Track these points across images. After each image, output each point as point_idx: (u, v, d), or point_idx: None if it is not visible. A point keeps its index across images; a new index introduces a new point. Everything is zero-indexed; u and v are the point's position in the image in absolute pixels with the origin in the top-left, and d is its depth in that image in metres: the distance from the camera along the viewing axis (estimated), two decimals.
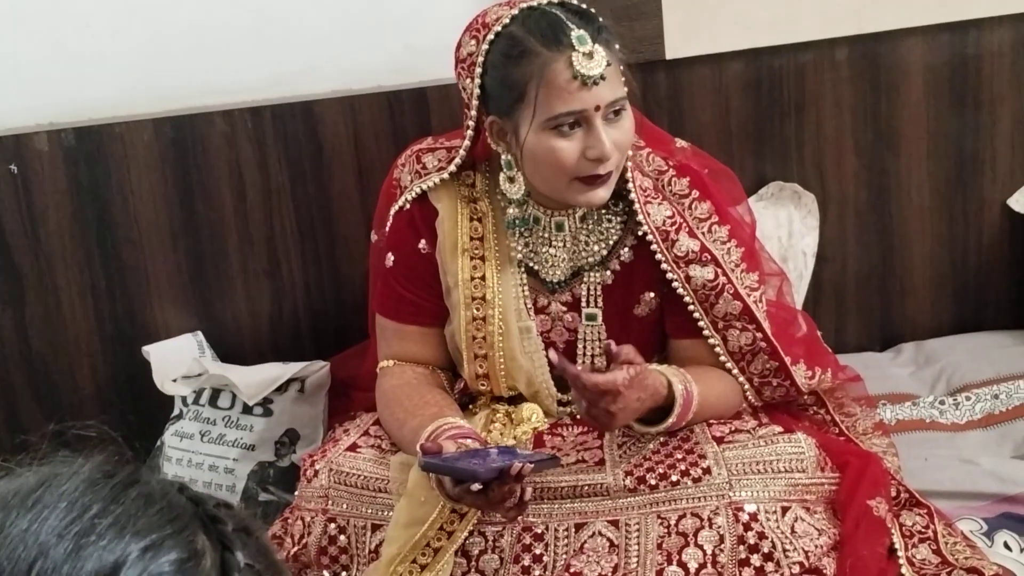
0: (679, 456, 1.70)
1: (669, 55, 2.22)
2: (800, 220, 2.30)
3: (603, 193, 1.68)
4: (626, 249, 1.79)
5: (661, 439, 1.73)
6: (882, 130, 2.32)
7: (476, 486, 1.52)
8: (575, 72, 1.59)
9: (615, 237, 1.79)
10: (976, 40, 2.29)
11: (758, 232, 2.07)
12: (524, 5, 1.65)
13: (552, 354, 1.66)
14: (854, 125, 2.31)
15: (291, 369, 2.13)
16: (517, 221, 1.77)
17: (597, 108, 1.62)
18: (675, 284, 1.76)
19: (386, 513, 1.71)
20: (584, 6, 1.67)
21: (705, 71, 2.26)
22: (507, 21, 1.64)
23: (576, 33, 1.60)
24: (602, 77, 1.60)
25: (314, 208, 2.27)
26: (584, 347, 1.82)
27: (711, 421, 1.77)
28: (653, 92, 2.25)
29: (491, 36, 1.65)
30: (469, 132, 1.74)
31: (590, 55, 1.60)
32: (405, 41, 2.23)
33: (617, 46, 1.66)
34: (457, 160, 1.78)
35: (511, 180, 1.72)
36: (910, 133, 2.32)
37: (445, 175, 1.79)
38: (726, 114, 2.29)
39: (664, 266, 1.75)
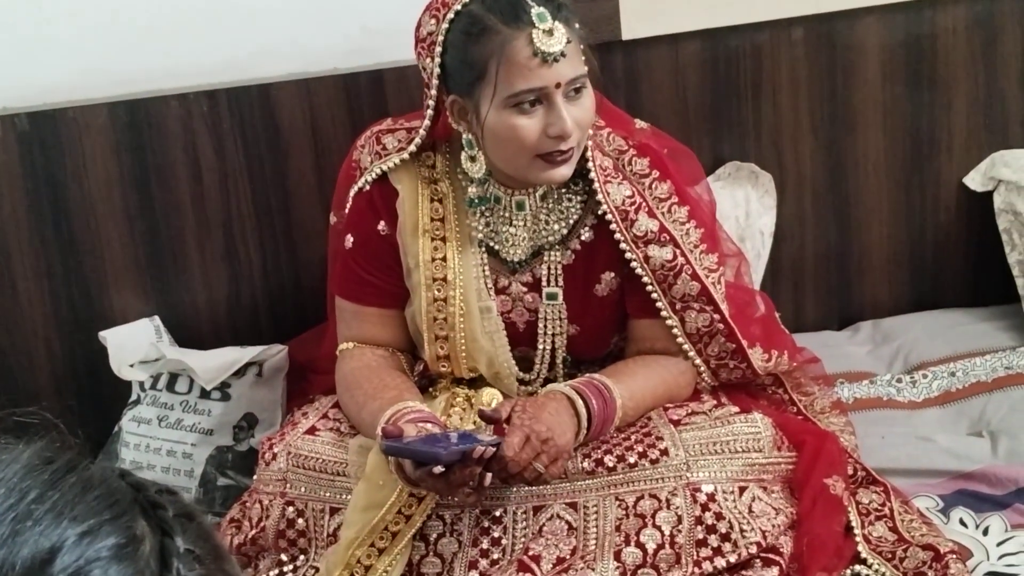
0: (636, 438, 1.70)
1: (625, 36, 2.22)
2: (757, 200, 2.31)
3: (565, 171, 1.68)
4: (586, 229, 1.79)
5: None
6: (838, 110, 2.33)
7: (438, 469, 1.52)
8: (535, 49, 1.59)
9: (575, 216, 1.78)
10: (931, 19, 2.30)
11: (716, 212, 2.08)
12: None
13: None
14: (811, 105, 2.32)
15: (249, 353, 2.12)
16: (477, 200, 1.77)
17: (558, 85, 1.62)
18: (633, 264, 1.76)
19: (344, 496, 1.71)
20: None
21: (662, 51, 2.26)
22: (467, 0, 1.64)
23: (536, 10, 1.60)
24: (562, 54, 1.60)
25: (271, 191, 2.26)
26: (544, 326, 1.82)
27: (667, 405, 1.78)
28: (610, 73, 2.24)
29: (451, 15, 1.64)
30: (429, 112, 1.73)
31: (550, 32, 1.59)
32: (361, 22, 2.22)
33: (577, 24, 1.66)
34: (417, 140, 1.77)
35: (472, 159, 1.72)
36: (866, 112, 2.33)
37: (405, 155, 1.78)
38: (683, 94, 2.29)
39: (623, 246, 1.75)
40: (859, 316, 2.44)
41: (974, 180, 2.37)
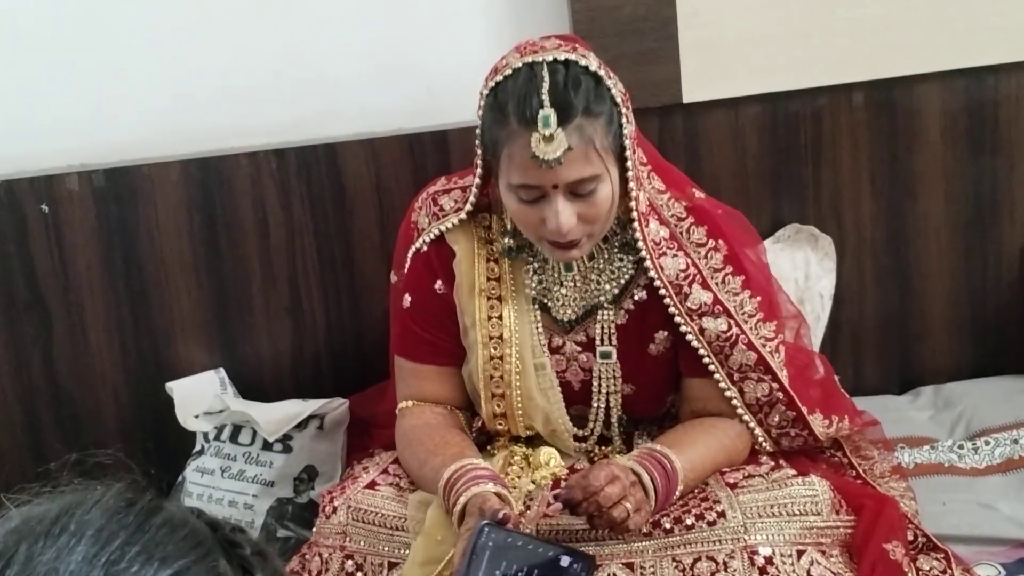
0: (694, 502, 1.70)
1: (686, 99, 2.25)
2: (817, 262, 2.32)
3: (576, 253, 1.70)
4: (639, 288, 1.80)
5: None
6: (899, 174, 2.33)
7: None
8: (532, 152, 1.59)
9: (627, 276, 1.80)
10: (993, 85, 2.30)
11: (775, 273, 2.08)
12: (528, 59, 1.64)
13: (552, 501, 1.62)
14: (871, 168, 2.33)
15: (311, 406, 2.15)
16: (512, 251, 1.80)
17: (555, 187, 1.62)
18: (689, 337, 1.77)
19: (403, 551, 1.72)
20: (591, 66, 1.64)
21: (721, 115, 2.29)
22: (507, 74, 1.64)
23: (543, 113, 1.58)
24: (559, 161, 1.59)
25: (336, 248, 2.30)
26: (599, 384, 1.83)
27: (723, 469, 1.78)
28: (670, 135, 2.28)
29: (492, 85, 1.67)
30: (479, 171, 1.77)
31: (549, 139, 1.58)
32: (427, 84, 2.27)
33: (601, 122, 1.62)
34: (471, 199, 1.80)
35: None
36: (927, 177, 2.34)
37: (463, 215, 1.81)
38: (743, 157, 2.31)
39: (677, 319, 1.76)
40: (919, 381, 2.43)
41: None
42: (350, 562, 1.75)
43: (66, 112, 2.24)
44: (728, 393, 1.79)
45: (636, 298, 1.80)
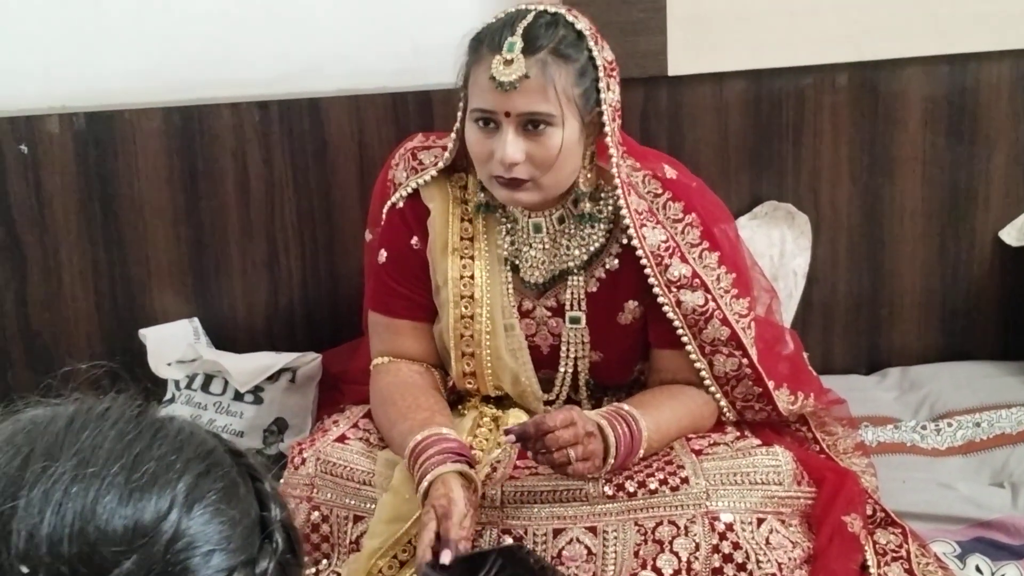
0: (658, 466, 1.73)
1: (671, 71, 2.25)
2: (793, 240, 2.34)
3: (523, 197, 1.72)
4: (611, 257, 1.82)
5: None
6: (878, 156, 2.35)
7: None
8: (491, 73, 1.65)
9: (596, 244, 1.82)
10: (975, 73, 2.32)
11: (751, 249, 2.11)
12: (519, 8, 1.70)
13: (505, 435, 1.64)
14: (851, 150, 2.35)
15: (283, 359, 2.16)
16: (485, 207, 1.82)
17: (507, 114, 1.66)
18: (666, 308, 1.78)
19: (369, 506, 1.74)
20: (577, 24, 1.69)
21: (706, 89, 2.30)
22: (493, 20, 1.71)
23: (510, 40, 1.65)
24: (513, 86, 1.63)
25: (315, 203, 2.31)
26: (568, 349, 1.85)
27: (689, 435, 1.80)
28: (654, 107, 2.29)
29: (477, 30, 1.71)
30: (457, 126, 1.79)
31: (509, 62, 1.64)
32: (413, 43, 2.27)
33: (570, 69, 1.66)
34: (447, 155, 1.82)
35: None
36: (906, 161, 2.36)
37: (434, 171, 1.83)
38: (725, 132, 2.32)
39: (656, 290, 1.78)
40: (887, 362, 2.46)
41: (1009, 235, 2.39)
42: (316, 513, 1.77)
43: (49, 55, 2.23)
44: (698, 365, 1.81)
45: (608, 267, 1.82)
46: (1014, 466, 2.06)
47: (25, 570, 0.66)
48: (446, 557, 1.49)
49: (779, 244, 2.34)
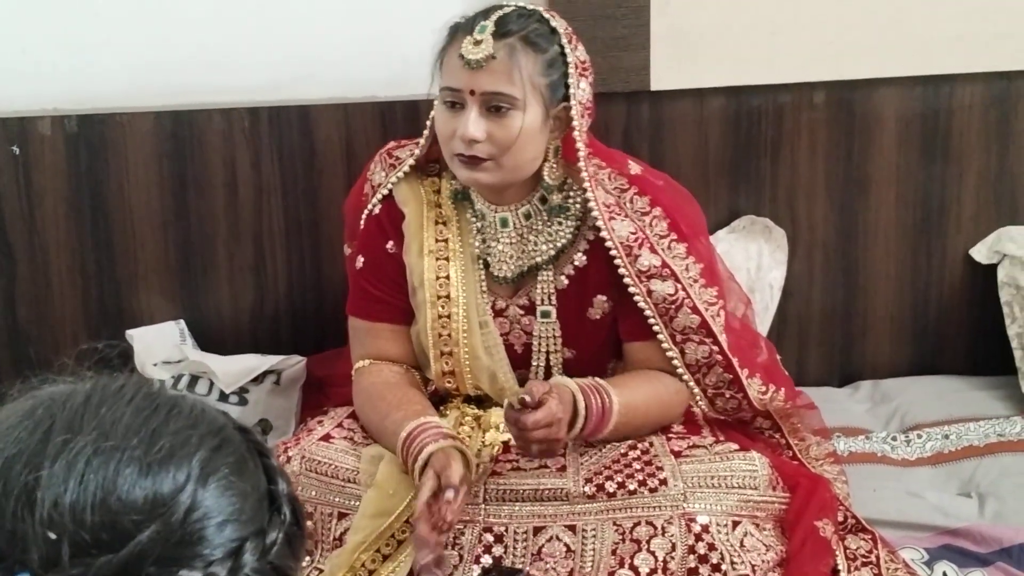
0: (638, 467, 1.77)
1: (654, 86, 2.31)
2: (769, 254, 2.39)
3: (481, 176, 1.78)
4: (579, 254, 1.87)
5: (621, 450, 1.80)
6: (853, 174, 2.41)
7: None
8: (460, 52, 1.73)
9: (564, 240, 1.87)
10: (948, 94, 2.39)
11: (729, 263, 2.15)
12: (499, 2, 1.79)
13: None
14: (827, 167, 2.40)
15: (268, 361, 2.19)
16: (458, 195, 1.88)
17: (472, 92, 1.73)
18: (637, 298, 1.83)
19: (353, 503, 1.77)
20: (552, 21, 1.77)
21: (687, 104, 2.35)
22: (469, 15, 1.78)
23: (481, 23, 1.74)
24: (480, 64, 1.71)
25: (302, 209, 2.34)
26: (539, 344, 1.90)
27: (670, 436, 1.85)
28: (636, 121, 2.34)
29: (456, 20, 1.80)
30: (429, 121, 1.85)
31: (478, 43, 1.72)
32: (402, 53, 2.31)
33: (538, 58, 1.74)
34: (423, 142, 1.88)
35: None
36: (880, 179, 2.42)
37: (412, 161, 1.90)
38: (705, 146, 2.37)
39: (627, 280, 1.83)
40: (859, 375, 2.51)
41: (980, 252, 2.45)
42: None
43: (43, 57, 2.25)
44: (670, 354, 1.86)
45: (576, 263, 1.87)
46: (981, 477, 2.11)
47: (52, 536, 0.70)
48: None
49: (756, 257, 2.39)
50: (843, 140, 2.39)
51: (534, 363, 1.91)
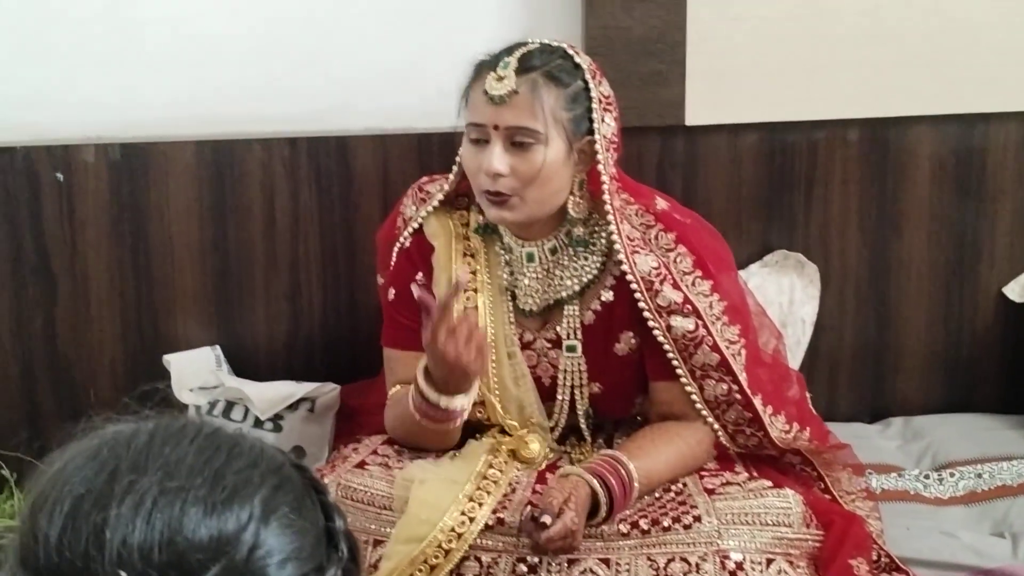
0: (671, 505, 1.78)
1: (689, 121, 2.33)
2: (802, 289, 2.40)
3: (507, 215, 1.80)
4: (606, 290, 1.88)
5: (656, 494, 1.80)
6: (887, 210, 2.42)
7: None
8: (484, 88, 1.76)
9: (590, 276, 1.88)
10: (984, 133, 2.39)
11: (761, 298, 2.16)
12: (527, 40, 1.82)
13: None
14: (860, 203, 2.41)
15: (303, 388, 2.21)
16: (485, 229, 1.91)
17: (496, 127, 1.76)
18: (656, 333, 1.84)
19: (387, 530, 1.77)
20: (576, 58, 1.80)
21: (722, 140, 2.37)
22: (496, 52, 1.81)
23: (505, 60, 1.77)
24: (502, 100, 1.74)
25: (339, 238, 2.36)
26: (564, 378, 1.90)
27: (703, 474, 1.85)
28: (670, 156, 2.36)
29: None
30: (458, 158, 1.87)
31: (501, 79, 1.75)
32: (438, 85, 2.33)
33: (560, 93, 1.76)
34: (452, 177, 1.90)
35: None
36: (913, 216, 2.42)
37: (442, 195, 1.92)
38: (739, 182, 2.39)
39: (646, 314, 1.84)
40: (890, 412, 2.50)
41: (1013, 291, 2.45)
42: None
43: (88, 86, 2.29)
44: (688, 388, 1.86)
45: (603, 299, 1.88)
46: (1014, 517, 2.10)
47: (123, 574, 0.71)
48: None
49: (788, 292, 2.39)
50: (877, 177, 2.40)
51: (559, 396, 1.91)
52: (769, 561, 1.74)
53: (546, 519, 1.65)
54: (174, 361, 2.29)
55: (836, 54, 2.33)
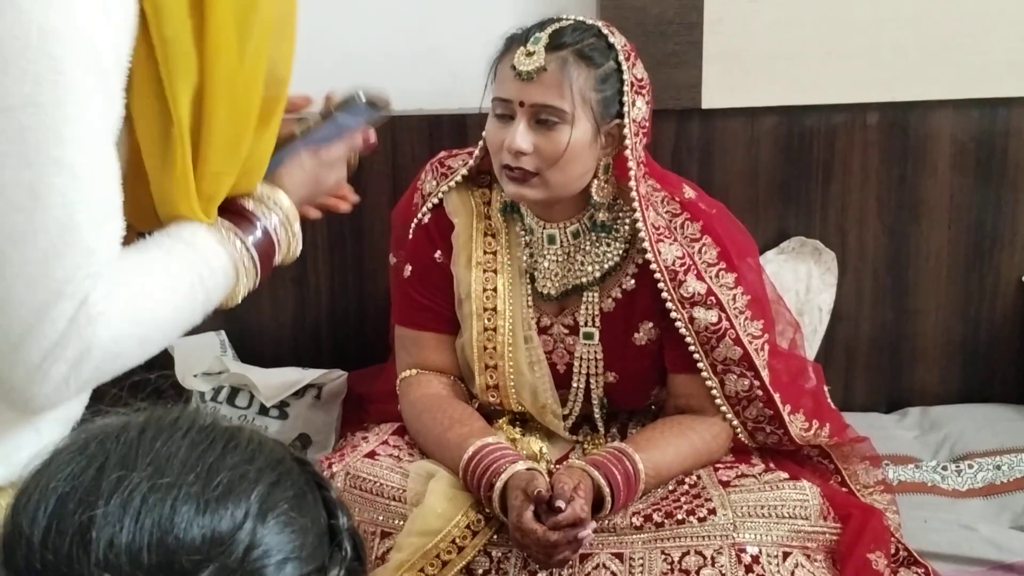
0: (686, 498, 1.74)
1: (705, 104, 2.28)
2: (819, 276, 2.35)
3: (528, 192, 1.75)
4: (627, 277, 1.83)
5: (669, 487, 1.77)
6: (906, 197, 2.37)
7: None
8: (512, 63, 1.71)
9: (612, 262, 1.83)
10: (1005, 118, 2.35)
11: (777, 284, 2.12)
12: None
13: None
14: (879, 189, 2.37)
15: (310, 375, 2.17)
16: (508, 207, 1.86)
17: (522, 104, 1.71)
18: (678, 324, 1.79)
19: (396, 522, 1.74)
20: (610, 38, 1.74)
21: (738, 123, 2.32)
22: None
23: (535, 35, 1.72)
24: (530, 76, 1.69)
25: (346, 222, 2.31)
26: (581, 365, 1.86)
27: (717, 466, 1.81)
28: (686, 139, 2.31)
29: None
30: (484, 132, 1.82)
31: (531, 54, 1.70)
32: (450, 67, 2.29)
33: (591, 73, 1.71)
34: (477, 152, 1.85)
35: None
36: (932, 202, 2.38)
37: (465, 170, 1.87)
38: (755, 166, 2.34)
39: (669, 305, 1.79)
40: (907, 401, 2.47)
41: None
42: None
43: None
44: (709, 383, 1.82)
45: (624, 286, 1.84)
46: None
47: None
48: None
49: (805, 279, 2.35)
50: (896, 162, 2.36)
51: (574, 384, 1.87)
52: (786, 554, 1.70)
53: (560, 503, 1.60)
54: (178, 346, 2.25)
55: (856, 36, 2.28)
